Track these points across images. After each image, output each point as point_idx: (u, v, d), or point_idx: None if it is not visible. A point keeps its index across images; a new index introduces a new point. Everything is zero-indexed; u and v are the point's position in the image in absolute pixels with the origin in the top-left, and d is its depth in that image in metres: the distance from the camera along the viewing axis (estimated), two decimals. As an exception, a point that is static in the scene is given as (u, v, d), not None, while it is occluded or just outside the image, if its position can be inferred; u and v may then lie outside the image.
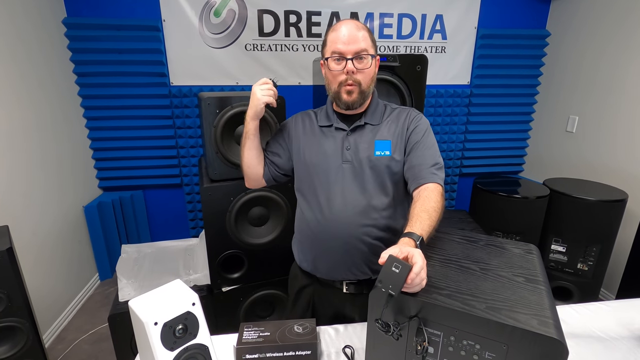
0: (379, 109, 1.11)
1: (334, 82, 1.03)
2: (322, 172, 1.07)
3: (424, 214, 0.87)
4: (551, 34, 2.78)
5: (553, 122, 2.81)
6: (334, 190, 1.06)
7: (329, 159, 1.07)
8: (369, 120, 1.08)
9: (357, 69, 0.99)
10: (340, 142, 1.07)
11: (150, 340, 0.81)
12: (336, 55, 0.99)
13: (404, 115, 1.09)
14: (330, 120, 1.10)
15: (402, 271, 0.67)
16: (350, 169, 1.06)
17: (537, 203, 2.04)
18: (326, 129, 1.11)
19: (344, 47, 0.98)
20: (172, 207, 2.86)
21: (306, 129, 1.14)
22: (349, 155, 1.06)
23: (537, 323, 0.63)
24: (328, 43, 1.02)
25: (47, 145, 2.15)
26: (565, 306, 1.19)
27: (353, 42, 0.97)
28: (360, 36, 0.98)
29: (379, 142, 1.05)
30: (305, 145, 1.11)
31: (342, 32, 0.98)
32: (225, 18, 2.48)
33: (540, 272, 0.80)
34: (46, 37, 2.18)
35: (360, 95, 1.02)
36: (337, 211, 1.05)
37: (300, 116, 1.18)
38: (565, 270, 2.10)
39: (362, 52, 0.98)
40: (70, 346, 1.99)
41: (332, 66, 1.00)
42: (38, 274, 1.98)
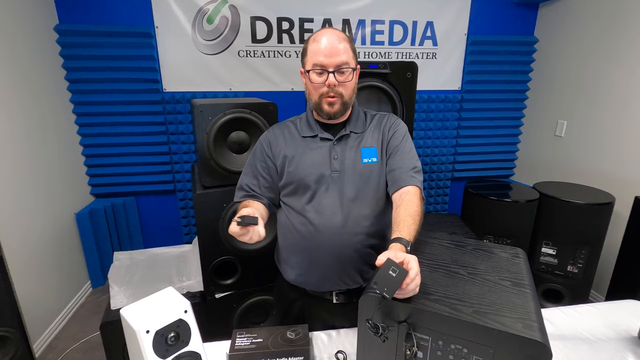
0: (360, 117, 1.12)
1: (315, 93, 1.02)
2: (311, 184, 1.06)
3: (409, 218, 0.89)
4: (539, 40, 2.84)
5: (542, 127, 2.86)
6: (324, 201, 1.06)
7: (318, 169, 1.06)
8: (353, 128, 1.09)
9: (338, 82, 0.99)
10: (327, 152, 1.07)
11: (142, 348, 0.81)
12: (318, 68, 0.98)
13: (383, 121, 1.12)
14: (314, 130, 1.09)
15: (398, 275, 0.68)
16: (339, 178, 1.06)
17: (527, 207, 2.07)
18: (310, 139, 1.09)
19: (325, 59, 0.97)
20: (165, 214, 2.85)
21: (289, 141, 1.11)
22: (337, 164, 1.06)
23: (522, 326, 0.65)
24: (309, 54, 1.01)
25: (38, 151, 2.14)
26: (554, 308, 1.22)
27: (335, 54, 0.97)
28: (342, 48, 0.98)
29: (365, 149, 1.07)
30: (291, 158, 1.08)
31: (323, 43, 0.98)
32: (218, 25, 2.50)
33: (526, 276, 0.82)
34: (38, 44, 2.18)
35: (342, 106, 1.03)
36: (329, 221, 1.05)
37: (278, 129, 1.14)
38: (555, 273, 2.13)
39: (343, 65, 0.98)
40: (62, 355, 1.97)
41: (314, 78, 1.00)
42: (28, 282, 1.96)
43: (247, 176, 1.15)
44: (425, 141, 2.96)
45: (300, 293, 1.16)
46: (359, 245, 1.07)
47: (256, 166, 1.13)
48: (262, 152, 1.13)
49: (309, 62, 1.01)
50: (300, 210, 1.08)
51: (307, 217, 1.07)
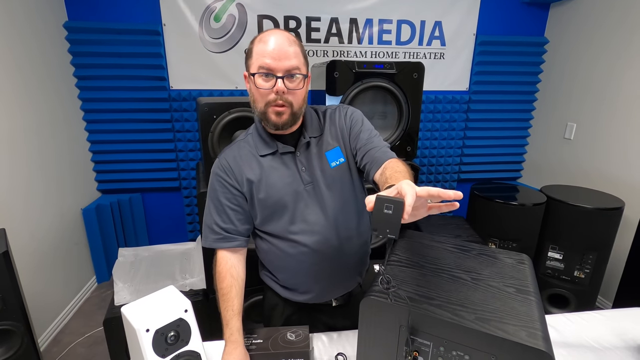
0: (314, 118, 1.03)
1: (260, 100, 0.91)
2: (288, 204, 0.98)
3: (398, 174, 0.83)
4: (549, 41, 2.80)
5: (551, 129, 2.82)
6: (309, 218, 0.99)
7: (291, 187, 0.98)
8: (312, 133, 1.01)
9: (288, 89, 0.88)
10: (293, 166, 0.98)
11: (141, 347, 0.82)
12: (264, 70, 0.87)
13: (336, 116, 1.04)
14: (271, 146, 0.98)
15: (395, 210, 0.60)
16: (313, 189, 0.99)
17: (534, 210, 2.05)
18: (270, 157, 0.98)
19: (273, 62, 0.86)
20: (170, 211, 2.86)
21: (247, 164, 0.98)
22: (307, 176, 0.99)
23: (525, 335, 0.63)
24: (254, 55, 0.89)
25: (46, 147, 2.16)
26: (559, 315, 1.20)
27: (284, 57, 0.86)
28: (292, 52, 0.88)
29: (329, 152, 1.00)
30: (258, 183, 0.98)
31: (271, 44, 0.87)
32: (225, 23, 2.50)
33: (531, 283, 0.80)
34: (47, 41, 2.20)
35: (291, 117, 0.92)
36: (321, 237, 1.00)
37: (230, 152, 1.01)
38: (562, 278, 2.10)
39: (293, 69, 0.88)
40: (66, 349, 1.99)
41: (260, 83, 0.88)
42: (35, 276, 1.98)
43: (215, 215, 1.00)
44: (431, 142, 2.94)
45: (297, 307, 1.12)
46: (355, 247, 1.06)
47: (220, 200, 0.99)
48: (221, 183, 0.99)
49: (254, 64, 0.89)
50: (284, 234, 1.01)
51: (295, 240, 1.00)
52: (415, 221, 0.71)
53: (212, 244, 1.02)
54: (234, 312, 0.99)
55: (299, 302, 1.10)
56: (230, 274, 1.01)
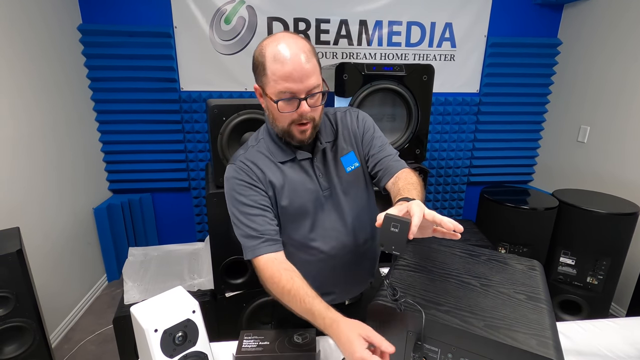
0: (327, 123, 1.02)
1: (282, 120, 0.88)
2: (309, 210, 0.98)
3: (410, 186, 0.86)
4: (563, 42, 2.75)
5: (564, 132, 2.77)
6: (327, 224, 0.99)
7: (312, 193, 0.97)
8: (326, 138, 1.00)
9: (310, 107, 0.85)
10: (312, 173, 0.98)
11: (150, 346, 0.82)
12: (287, 95, 0.83)
13: (347, 119, 1.04)
14: (289, 153, 0.97)
15: (401, 229, 0.65)
16: (330, 195, 0.99)
17: (546, 214, 2.01)
18: (290, 163, 0.97)
19: (295, 85, 0.81)
20: (179, 211, 2.89)
21: (270, 169, 0.96)
22: (324, 182, 0.99)
23: (536, 343, 0.62)
24: (272, 77, 0.82)
25: (61, 148, 2.21)
26: (571, 322, 1.17)
27: (305, 77, 0.81)
28: (311, 68, 0.82)
29: (344, 158, 1.00)
30: (280, 188, 0.96)
31: (288, 65, 0.80)
32: (235, 25, 2.52)
33: (543, 290, 0.79)
34: (62, 43, 2.25)
35: (314, 129, 0.92)
36: (339, 243, 1.00)
37: (249, 159, 0.96)
38: (574, 284, 2.06)
39: (315, 88, 0.84)
40: (77, 347, 2.03)
41: (283, 107, 0.85)
42: (48, 274, 2.02)
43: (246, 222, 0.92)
44: (441, 144, 2.91)
45: None
46: (370, 251, 1.07)
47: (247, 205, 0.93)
48: (244, 186, 0.93)
49: (271, 87, 0.84)
50: (304, 241, 1.00)
51: (313, 246, 1.00)
52: None
53: (256, 252, 0.91)
54: (312, 297, 0.83)
55: None
56: (284, 269, 0.89)
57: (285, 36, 0.84)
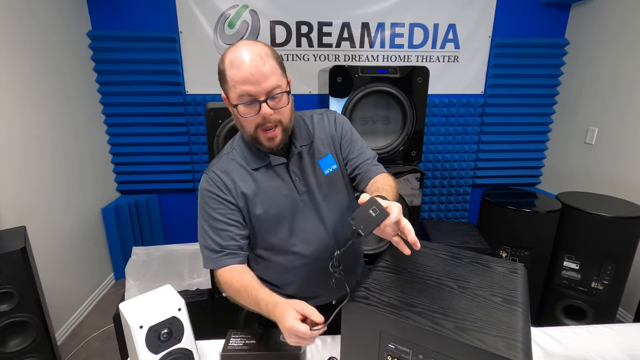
0: (302, 127, 1.01)
1: (248, 126, 0.88)
2: (286, 216, 0.97)
3: (388, 187, 0.91)
4: (570, 42, 2.70)
5: (572, 134, 2.71)
6: (306, 228, 0.99)
7: (287, 199, 0.97)
8: (301, 142, 0.99)
9: (273, 109, 0.85)
10: (287, 177, 0.97)
11: (135, 342, 0.85)
12: (246, 99, 0.83)
13: (325, 122, 1.03)
14: (263, 159, 0.96)
15: (378, 216, 0.69)
16: (308, 198, 0.99)
17: (548, 217, 1.97)
18: (263, 169, 0.96)
19: (252, 88, 0.81)
20: (184, 211, 2.95)
21: (240, 178, 0.95)
22: (302, 186, 0.98)
23: (503, 346, 0.62)
24: (230, 82, 0.83)
25: (70, 150, 2.29)
26: (564, 327, 1.15)
27: (262, 79, 0.81)
28: (268, 70, 0.82)
29: (322, 160, 0.99)
30: (253, 197, 0.95)
31: (244, 68, 0.81)
32: (238, 29, 2.56)
33: (521, 293, 0.78)
34: (73, 49, 2.34)
35: (284, 133, 0.90)
36: (319, 247, 1.01)
37: (219, 167, 0.96)
38: (578, 289, 2.01)
39: (274, 89, 0.83)
40: (82, 343, 2.09)
41: (244, 111, 0.85)
42: (56, 272, 2.09)
43: (212, 234, 0.95)
44: (445, 146, 2.89)
45: None
46: (353, 251, 1.08)
47: (215, 218, 0.94)
48: (214, 199, 0.94)
49: (232, 93, 0.84)
50: (284, 247, 1.00)
51: (295, 252, 1.00)
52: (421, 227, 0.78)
53: (215, 264, 0.95)
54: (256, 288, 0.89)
55: None
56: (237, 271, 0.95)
57: (243, 43, 0.85)
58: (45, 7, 2.09)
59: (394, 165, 1.81)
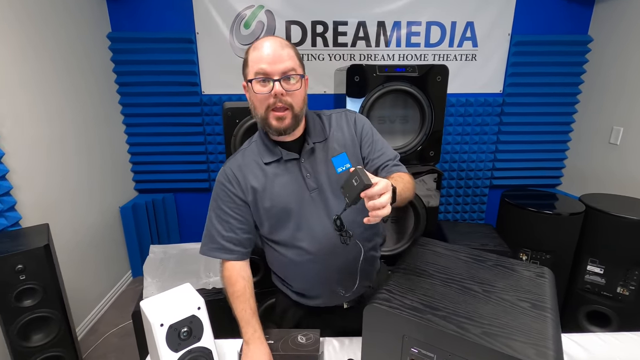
0: (317, 123, 1.03)
1: (260, 106, 0.92)
2: (293, 211, 0.99)
3: (399, 178, 0.93)
4: (594, 39, 2.62)
5: (595, 134, 2.63)
6: (314, 226, 0.99)
7: (296, 194, 0.98)
8: (315, 139, 1.01)
9: (286, 91, 0.89)
10: (298, 173, 0.99)
11: (155, 340, 0.86)
12: (260, 76, 0.88)
13: (343, 121, 1.05)
14: (275, 153, 0.99)
15: (358, 185, 0.72)
16: (319, 195, 0.99)
17: (571, 220, 1.91)
18: (275, 164, 0.99)
19: (269, 67, 0.87)
20: (200, 210, 2.97)
21: (252, 172, 1.00)
22: (312, 182, 0.99)
23: (534, 353, 0.60)
24: (250, 63, 0.91)
25: (91, 149, 2.34)
26: (590, 334, 1.11)
27: (278, 60, 0.87)
28: (286, 54, 0.89)
29: (335, 158, 0.99)
30: (262, 191, 0.99)
31: (265, 50, 0.88)
32: (254, 29, 2.57)
33: (550, 299, 0.76)
34: (94, 52, 2.39)
35: (293, 120, 0.93)
36: (327, 244, 1.00)
37: (235, 161, 1.02)
38: (602, 294, 1.94)
39: (289, 71, 0.88)
40: (101, 338, 2.13)
41: (258, 88, 0.89)
42: (76, 269, 2.14)
43: (216, 224, 1.02)
44: (462, 146, 2.84)
45: (308, 309, 1.12)
46: (361, 254, 1.04)
47: (222, 209, 1.01)
48: (225, 191, 1.00)
49: (250, 72, 0.91)
50: (290, 241, 1.01)
51: (301, 247, 1.01)
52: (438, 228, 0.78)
53: (208, 253, 1.04)
54: (252, 311, 1.00)
55: (310, 306, 1.11)
56: (242, 277, 1.03)
57: (268, 36, 0.94)
58: (69, 12, 2.14)
59: (411, 166, 1.79)
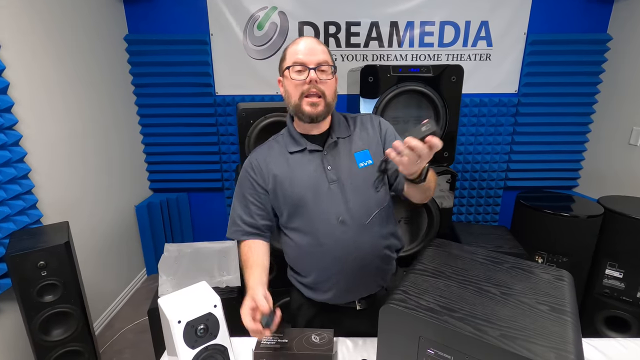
0: (342, 121, 1.10)
1: (294, 93, 0.99)
2: (312, 201, 1.02)
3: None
4: (613, 38, 2.55)
5: (614, 134, 2.56)
6: (330, 214, 1.01)
7: (316, 184, 1.02)
8: (339, 134, 1.06)
9: (320, 80, 0.97)
10: (320, 164, 1.03)
11: (173, 336, 0.87)
12: (298, 65, 0.97)
13: (368, 122, 1.10)
14: (300, 144, 1.05)
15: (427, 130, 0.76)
16: (338, 188, 1.02)
17: (589, 222, 1.87)
18: (298, 154, 1.05)
19: (305, 57, 0.97)
20: (213, 210, 3.01)
21: (275, 161, 1.06)
22: (333, 174, 1.02)
23: (554, 357, 0.59)
24: (287, 56, 1.00)
25: (109, 150, 2.40)
26: (611, 339, 1.09)
27: (314, 53, 0.98)
28: (320, 49, 0.99)
29: (358, 154, 1.04)
30: (283, 178, 1.03)
31: (301, 44, 0.99)
32: (267, 31, 2.59)
33: (569, 302, 0.74)
34: (112, 54, 2.45)
35: (325, 108, 1.00)
36: (343, 235, 1.01)
37: (261, 150, 1.10)
38: (621, 299, 1.89)
39: (323, 63, 0.98)
40: (117, 334, 2.18)
41: (294, 76, 0.98)
42: (93, 266, 2.19)
43: (238, 208, 1.10)
44: (475, 147, 2.80)
45: (321, 307, 1.13)
46: (376, 250, 1.05)
47: (245, 196, 1.08)
48: (248, 179, 1.08)
49: (287, 61, 1.00)
50: (308, 230, 1.04)
51: (318, 237, 1.03)
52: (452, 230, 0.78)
53: (231, 235, 1.13)
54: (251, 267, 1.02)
55: (322, 302, 1.12)
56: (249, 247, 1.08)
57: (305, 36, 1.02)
58: (89, 16, 2.19)
59: (424, 166, 1.77)
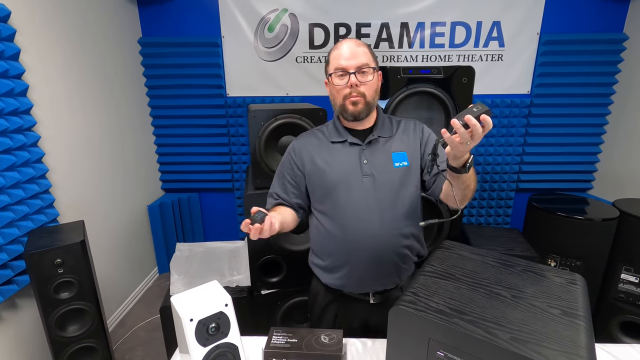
0: (386, 122, 1.15)
1: (338, 96, 1.07)
2: (344, 189, 1.08)
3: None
4: (629, 37, 2.50)
5: (631, 136, 2.51)
6: (359, 205, 1.07)
7: (350, 174, 1.08)
8: (381, 133, 1.12)
9: (360, 82, 1.03)
10: (357, 157, 1.09)
11: (185, 334, 0.89)
12: (339, 71, 1.04)
13: (411, 127, 1.15)
14: (343, 135, 1.12)
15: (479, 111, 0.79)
16: (371, 182, 1.08)
17: (603, 226, 1.84)
18: (339, 144, 1.12)
19: (346, 62, 1.03)
20: (224, 210, 3.05)
21: (317, 148, 1.14)
22: (368, 169, 1.08)
23: (566, 361, 0.58)
24: (331, 60, 1.07)
25: (124, 150, 2.45)
26: (626, 345, 1.07)
27: (354, 57, 1.03)
28: (361, 52, 1.04)
29: (396, 154, 1.10)
30: (322, 164, 1.11)
31: (343, 49, 1.05)
32: (278, 33, 2.61)
33: (582, 306, 0.74)
34: (126, 57, 2.51)
35: (366, 106, 1.06)
36: (366, 225, 1.06)
37: (306, 137, 1.19)
38: (637, 304, 1.85)
39: (363, 66, 1.03)
40: (130, 332, 2.22)
41: (336, 81, 1.05)
42: (107, 264, 2.24)
43: (276, 185, 1.19)
44: (486, 148, 2.78)
45: (336, 295, 1.18)
46: (395, 247, 1.09)
47: (284, 175, 1.17)
48: (289, 161, 1.17)
49: (331, 68, 1.07)
50: (335, 215, 1.10)
51: (343, 222, 1.08)
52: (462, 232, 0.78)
53: (268, 206, 1.19)
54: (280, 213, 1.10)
55: (338, 290, 1.16)
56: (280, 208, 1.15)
57: (347, 38, 1.10)
58: (104, 20, 2.24)
59: (434, 168, 1.76)
